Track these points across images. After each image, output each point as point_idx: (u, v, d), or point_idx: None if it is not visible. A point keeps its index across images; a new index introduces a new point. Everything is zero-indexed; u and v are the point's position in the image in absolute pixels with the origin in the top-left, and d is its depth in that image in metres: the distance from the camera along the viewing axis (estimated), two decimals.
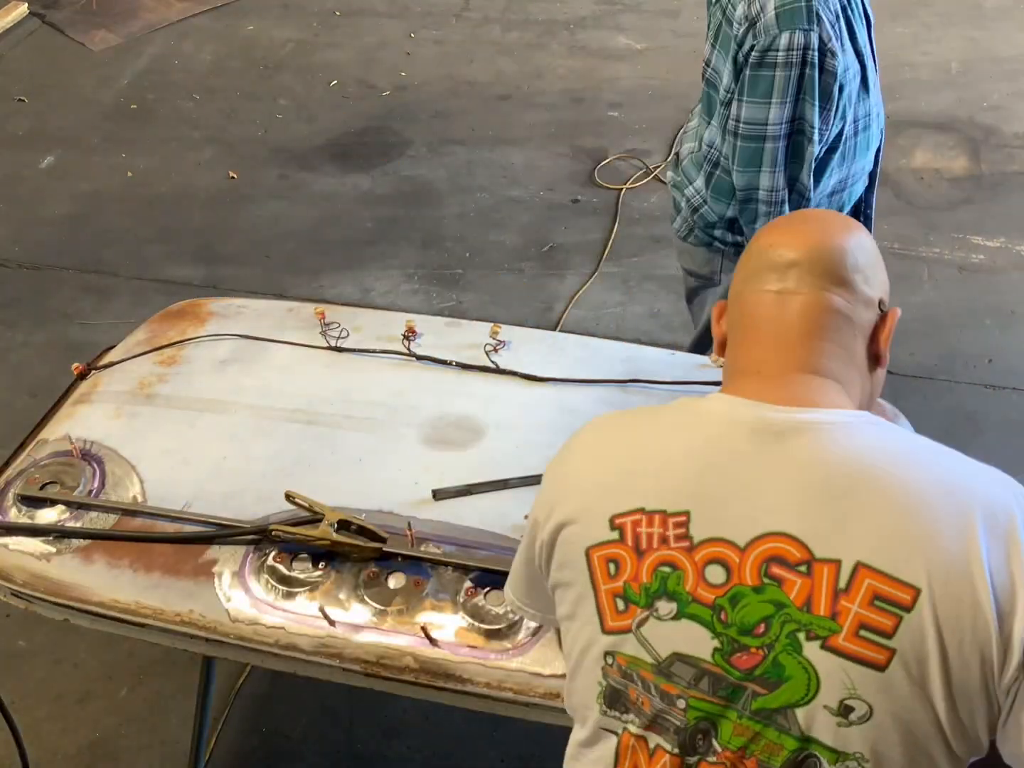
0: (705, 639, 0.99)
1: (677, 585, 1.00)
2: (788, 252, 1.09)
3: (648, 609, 1.02)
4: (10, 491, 1.67)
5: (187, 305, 2.08)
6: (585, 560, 1.06)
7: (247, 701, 2.41)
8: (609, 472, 1.09)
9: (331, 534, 1.52)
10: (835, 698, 0.95)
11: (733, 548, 0.99)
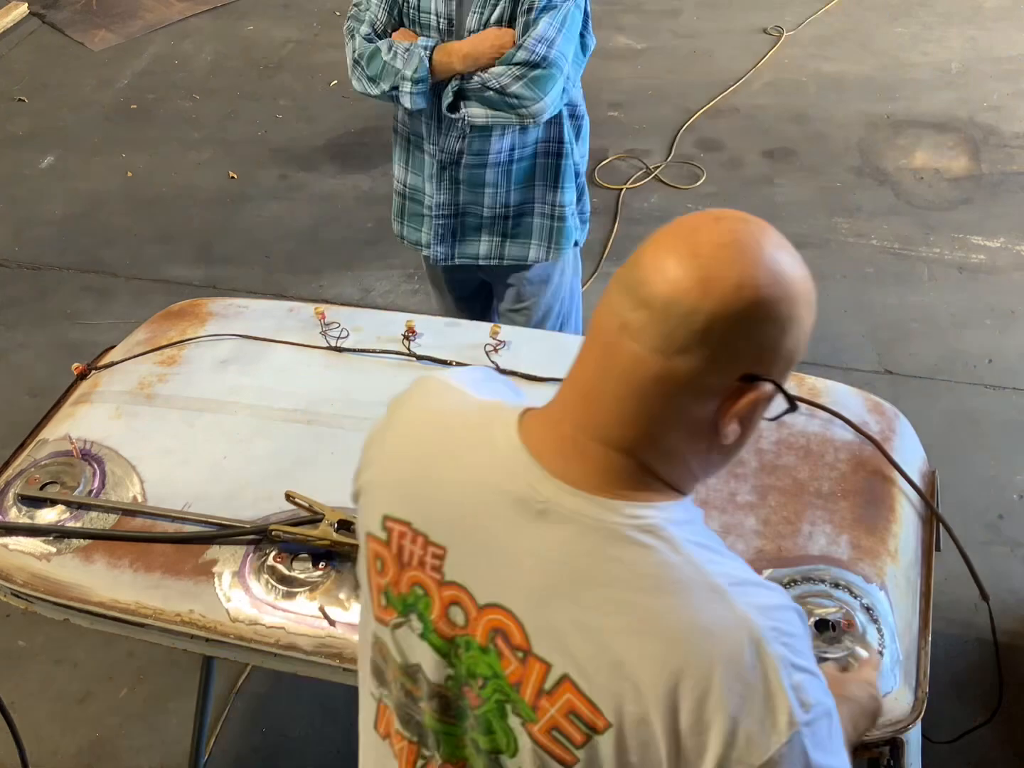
0: (442, 666, 1.00)
1: (425, 610, 1.00)
2: (649, 284, 0.88)
3: (403, 617, 1.03)
4: (10, 491, 1.67)
5: (187, 305, 2.08)
6: (364, 541, 1.07)
7: (247, 701, 2.41)
8: (400, 467, 1.05)
9: (331, 534, 1.52)
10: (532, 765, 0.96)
11: (472, 602, 0.97)
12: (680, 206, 3.90)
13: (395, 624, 1.03)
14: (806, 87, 4.62)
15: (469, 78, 2.14)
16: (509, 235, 2.40)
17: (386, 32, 2.20)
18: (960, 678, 2.35)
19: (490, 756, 1.00)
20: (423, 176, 2.34)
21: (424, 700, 1.03)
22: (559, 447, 0.94)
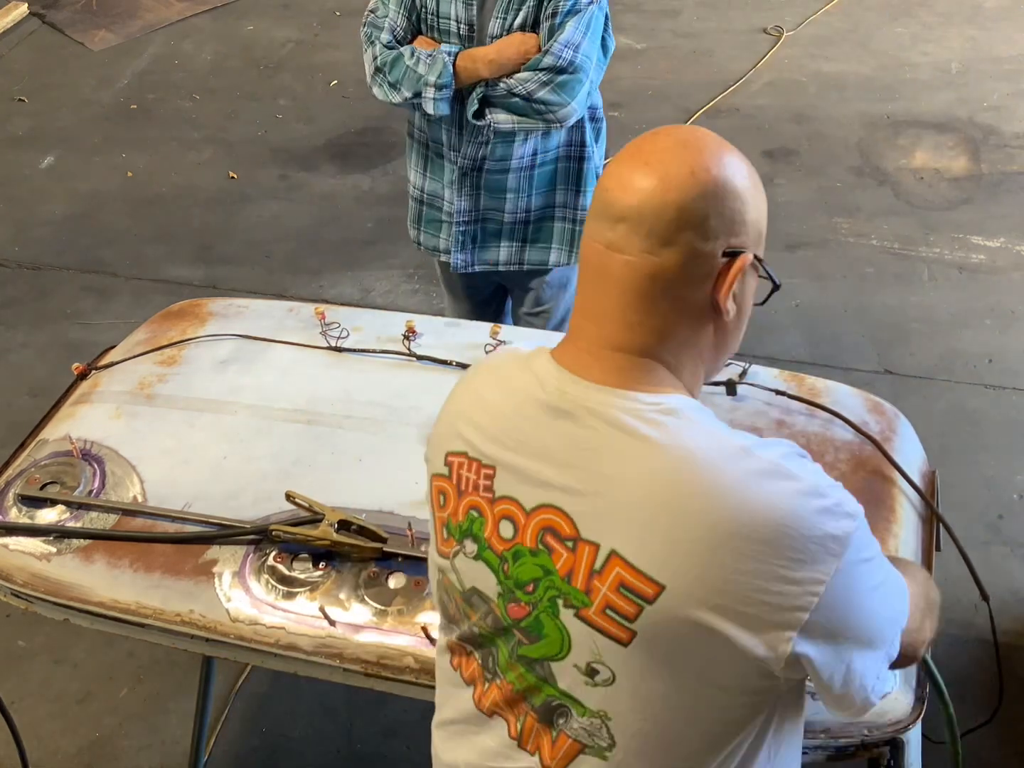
0: (493, 583, 1.08)
1: (480, 530, 1.08)
2: (619, 202, 0.99)
3: (459, 544, 1.11)
4: (10, 491, 1.67)
5: (187, 305, 2.08)
6: (429, 482, 1.17)
7: (247, 701, 2.41)
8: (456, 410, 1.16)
9: (331, 534, 1.52)
10: (583, 660, 1.02)
11: (520, 510, 1.05)
12: None
13: (454, 553, 1.12)
14: (806, 87, 4.62)
15: (495, 85, 2.11)
16: (529, 240, 2.38)
17: (406, 39, 2.18)
18: (960, 678, 2.35)
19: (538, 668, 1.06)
20: (442, 182, 2.32)
21: (480, 621, 1.11)
22: (582, 360, 1.04)
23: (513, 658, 1.08)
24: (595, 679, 1.02)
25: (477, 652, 1.14)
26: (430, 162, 2.32)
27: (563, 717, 1.06)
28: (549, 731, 1.08)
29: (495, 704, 1.13)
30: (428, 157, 2.32)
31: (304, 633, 1.48)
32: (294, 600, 1.51)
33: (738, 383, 1.77)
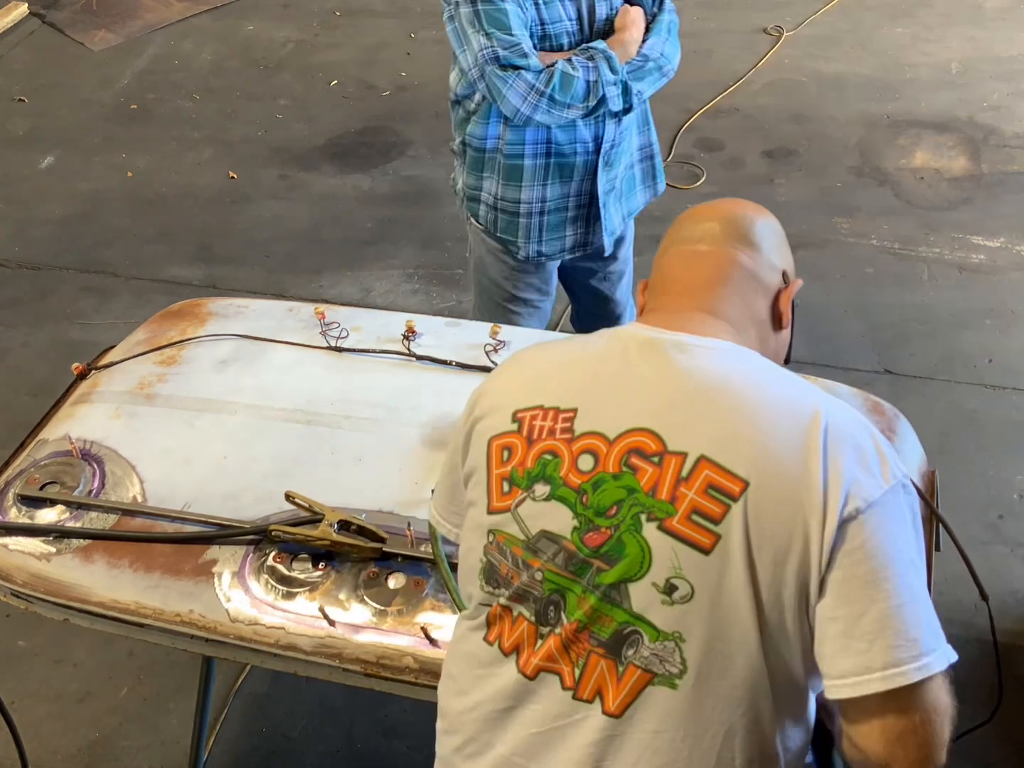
0: (567, 518, 1.11)
1: (554, 471, 1.13)
2: (703, 220, 1.29)
3: (527, 491, 1.14)
4: (10, 491, 1.67)
5: (187, 305, 2.08)
6: (486, 448, 1.20)
7: (246, 701, 2.41)
8: (521, 378, 1.25)
9: (331, 534, 1.52)
10: (663, 576, 1.06)
11: (604, 440, 1.12)
12: (680, 206, 3.86)
13: (518, 502, 1.15)
14: (806, 87, 4.62)
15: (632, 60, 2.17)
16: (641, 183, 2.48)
17: None
18: (960, 678, 2.34)
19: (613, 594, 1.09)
20: (571, 180, 2.31)
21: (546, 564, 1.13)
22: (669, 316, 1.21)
23: (587, 590, 1.10)
24: (672, 596, 1.06)
25: (531, 607, 1.15)
26: (551, 169, 2.30)
27: (633, 646, 1.08)
28: (616, 666, 1.09)
29: (547, 658, 1.13)
30: (548, 166, 2.29)
31: (304, 633, 1.48)
32: (294, 600, 1.51)
33: None
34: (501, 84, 2.07)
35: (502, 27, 2.06)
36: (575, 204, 2.36)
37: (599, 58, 2.12)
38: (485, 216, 2.37)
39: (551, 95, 2.09)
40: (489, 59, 2.07)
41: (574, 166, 2.29)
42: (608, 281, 2.59)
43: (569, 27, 2.16)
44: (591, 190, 2.34)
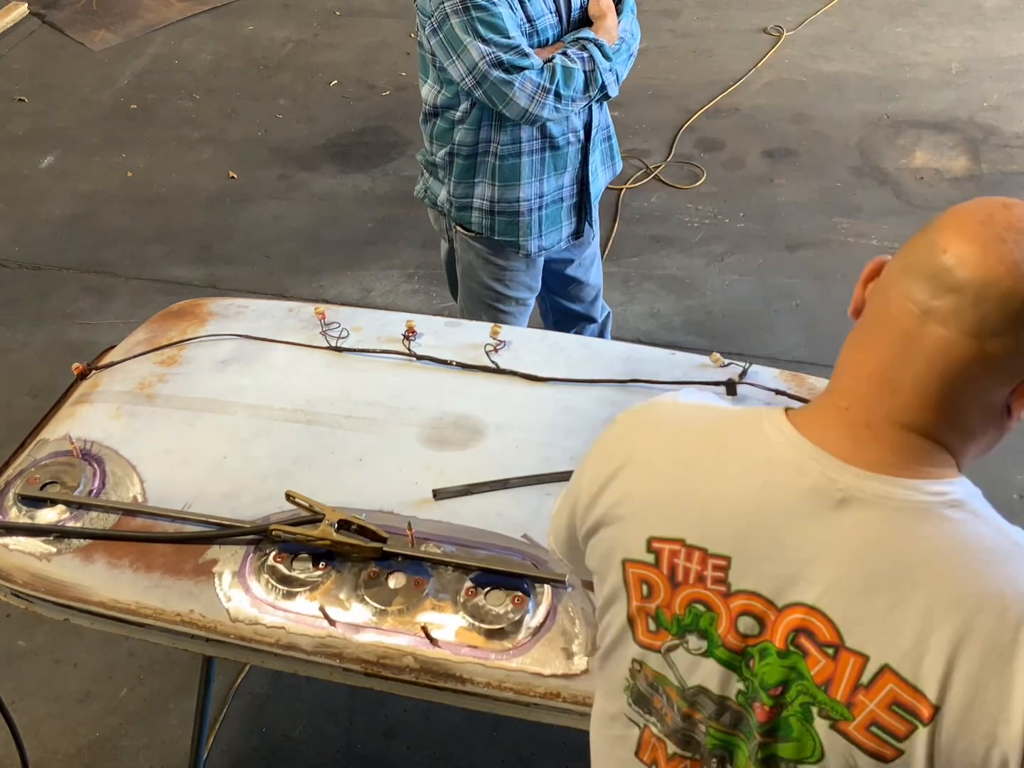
0: (731, 680, 0.99)
1: (710, 626, 0.98)
2: (958, 269, 0.88)
3: (678, 639, 1.00)
4: (10, 491, 1.67)
5: (187, 305, 2.08)
6: (621, 569, 1.04)
7: (246, 700, 2.41)
8: (661, 485, 1.03)
9: (331, 534, 1.52)
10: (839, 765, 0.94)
11: (769, 606, 0.95)
12: (680, 206, 3.90)
13: (668, 647, 1.01)
14: (806, 87, 4.62)
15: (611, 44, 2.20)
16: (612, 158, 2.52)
17: None
18: None
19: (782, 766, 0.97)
20: (566, 170, 2.36)
21: (708, 720, 1.02)
22: (849, 433, 0.93)
23: (753, 760, 0.99)
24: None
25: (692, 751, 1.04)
26: (546, 163, 2.33)
27: None
28: None
29: None
30: (544, 160, 2.33)
31: (304, 633, 1.48)
32: (294, 600, 1.51)
33: (738, 383, 1.77)
34: (507, 88, 2.08)
35: (499, 31, 2.07)
36: (569, 193, 2.40)
37: (591, 47, 2.15)
38: (479, 222, 2.38)
39: (556, 91, 2.11)
40: (492, 64, 2.07)
41: (567, 156, 2.33)
42: (583, 267, 2.65)
43: (551, 20, 2.19)
44: (583, 177, 2.38)
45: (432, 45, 2.15)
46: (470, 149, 2.28)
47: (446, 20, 2.08)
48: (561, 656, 1.42)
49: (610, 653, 1.10)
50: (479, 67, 2.08)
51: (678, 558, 0.99)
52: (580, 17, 2.24)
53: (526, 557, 1.53)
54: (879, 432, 0.92)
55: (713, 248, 3.71)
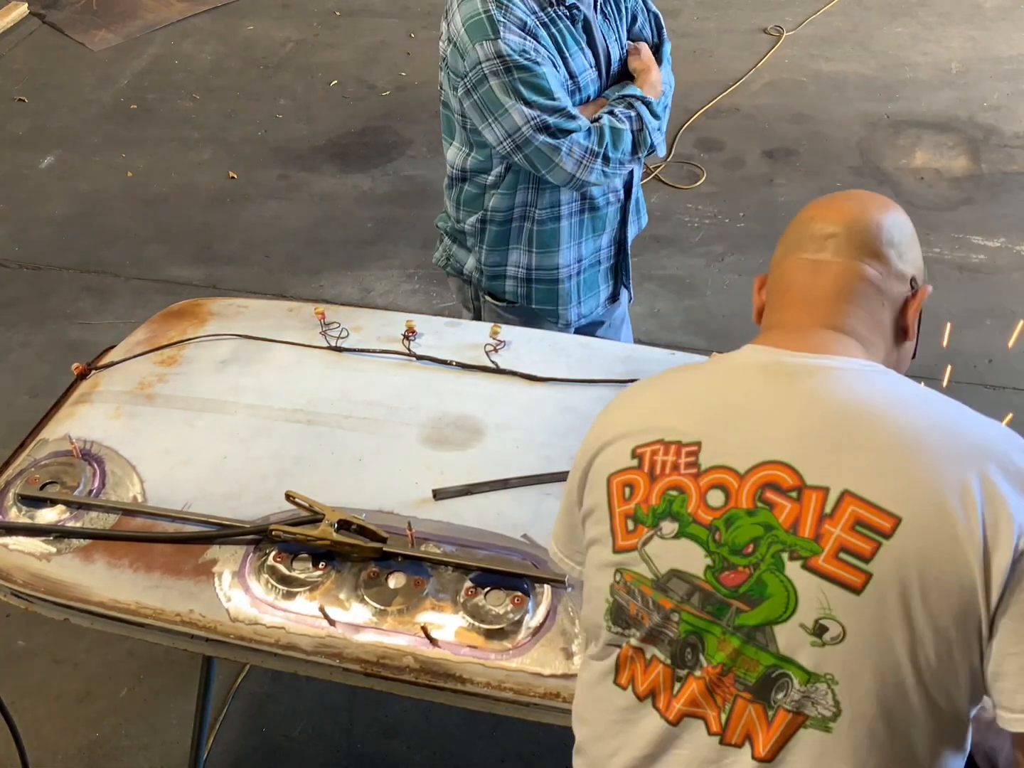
0: (699, 557, 1.06)
1: (681, 507, 1.08)
2: (828, 225, 1.18)
3: (653, 529, 1.10)
4: (10, 491, 1.67)
5: (187, 305, 2.08)
6: (606, 486, 1.15)
7: (246, 700, 2.41)
8: (636, 413, 1.19)
9: (331, 534, 1.52)
10: (811, 617, 1.00)
11: (734, 475, 1.06)
12: (680, 206, 3.90)
13: (644, 541, 1.10)
14: (806, 87, 4.62)
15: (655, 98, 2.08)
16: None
17: None
18: None
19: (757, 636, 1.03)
20: (604, 231, 2.20)
21: (679, 606, 1.08)
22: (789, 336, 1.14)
23: (728, 632, 1.05)
24: (823, 637, 1.00)
25: (665, 649, 1.10)
26: (585, 225, 2.17)
27: (782, 690, 1.03)
28: (765, 711, 1.04)
29: (691, 703, 1.08)
30: (583, 222, 2.16)
31: (304, 633, 1.48)
32: (294, 600, 1.51)
33: None
34: (553, 153, 1.92)
35: (543, 93, 1.89)
36: (607, 255, 2.25)
37: (639, 105, 2.00)
38: (513, 291, 2.19)
39: (605, 154, 1.96)
40: (538, 128, 1.90)
41: (607, 216, 2.18)
42: (612, 328, 2.46)
43: (592, 75, 2.04)
44: (621, 237, 2.24)
45: (465, 107, 1.96)
46: (505, 215, 2.09)
47: (484, 81, 1.89)
48: (561, 656, 1.42)
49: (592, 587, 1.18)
50: (522, 131, 1.90)
51: (657, 455, 1.11)
52: (619, 70, 2.09)
53: (526, 557, 1.53)
54: (811, 331, 1.14)
55: (713, 248, 3.71)
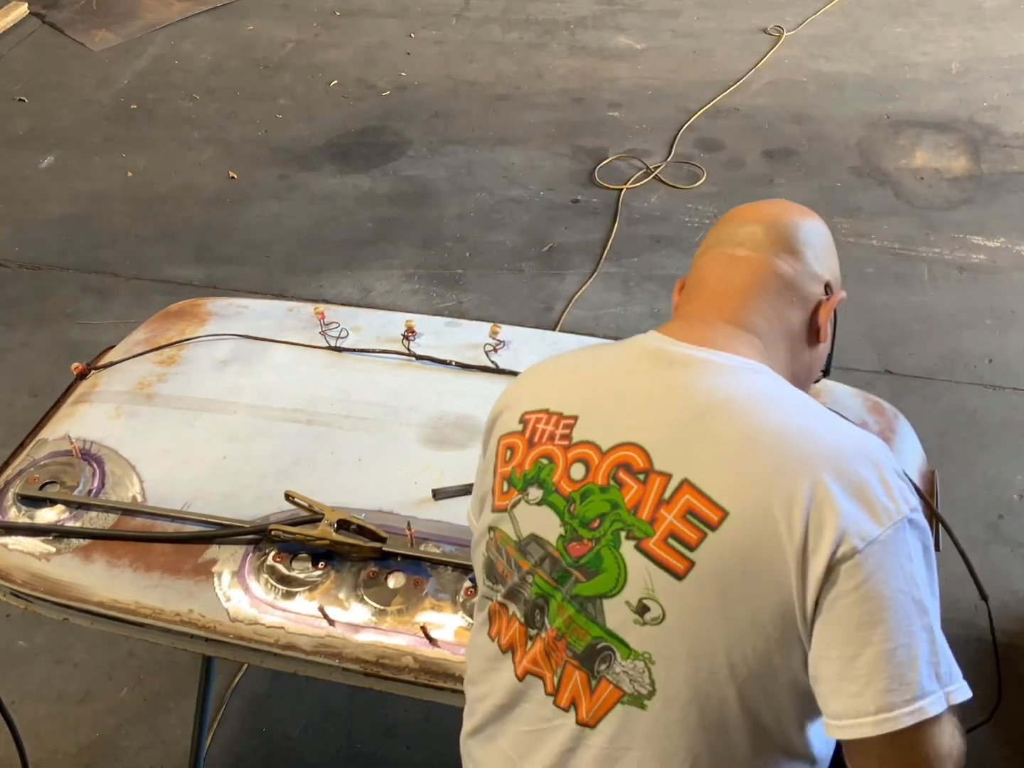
0: (555, 525, 1.12)
1: (548, 476, 1.13)
2: (747, 223, 1.21)
3: (522, 493, 1.15)
4: (10, 491, 1.67)
5: (187, 305, 2.08)
6: (496, 447, 1.22)
7: (246, 700, 2.41)
8: (536, 381, 1.26)
9: (331, 534, 1.52)
10: (636, 596, 1.05)
11: (597, 451, 1.10)
12: (680, 206, 3.90)
13: (513, 503, 1.16)
14: (806, 87, 4.62)
15: None
16: None
17: None
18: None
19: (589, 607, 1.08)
20: None
21: (533, 568, 1.13)
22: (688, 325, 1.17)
23: (566, 599, 1.10)
24: (644, 617, 1.04)
25: (521, 608, 1.15)
26: None
27: (606, 662, 1.07)
28: (589, 679, 1.09)
29: (534, 661, 1.14)
30: None
31: (303, 633, 1.48)
32: (293, 600, 1.51)
33: None
34: None
35: None
36: None
37: None
38: None
39: None
40: None
41: None
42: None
43: None
44: None
45: None
46: None
47: None
48: None
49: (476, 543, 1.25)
50: None
51: (540, 423, 1.16)
52: None
53: None
54: (710, 324, 1.16)
55: None
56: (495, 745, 1.20)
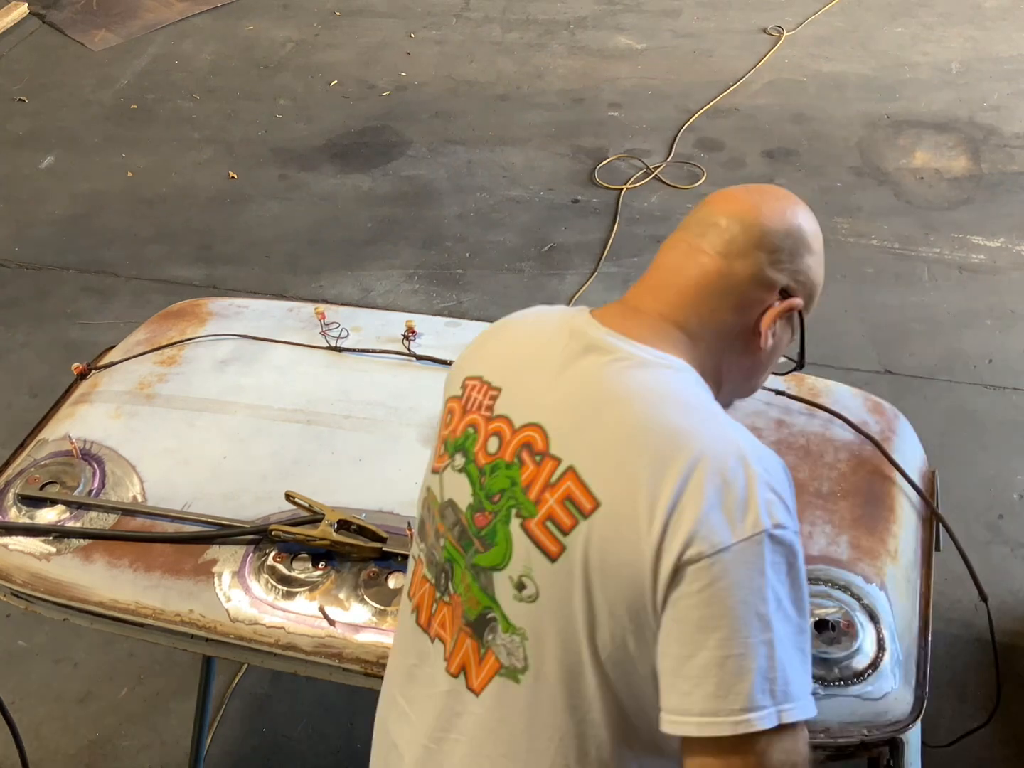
0: (468, 494, 1.15)
1: (471, 445, 1.16)
2: (716, 214, 1.17)
3: (450, 459, 1.18)
4: (10, 491, 1.67)
5: (187, 305, 2.07)
6: (443, 407, 1.25)
7: (246, 700, 2.41)
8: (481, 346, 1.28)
9: (331, 534, 1.52)
10: (517, 572, 1.09)
11: (510, 427, 1.13)
12: (680, 206, 3.90)
13: (444, 467, 1.19)
14: (806, 87, 4.62)
15: None
16: None
17: None
18: (959, 678, 2.35)
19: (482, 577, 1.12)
20: None
21: (447, 532, 1.17)
22: (622, 313, 1.15)
23: (467, 567, 1.14)
24: (522, 593, 1.08)
25: (432, 570, 1.20)
26: None
27: (492, 632, 1.11)
28: (478, 648, 1.13)
29: (440, 624, 1.18)
30: None
31: (304, 633, 1.48)
32: (294, 600, 1.51)
33: None
34: None
35: None
36: None
37: None
38: None
39: None
40: None
41: None
42: None
43: None
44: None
45: None
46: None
47: None
48: None
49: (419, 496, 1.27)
50: None
51: (475, 391, 1.19)
52: None
53: None
54: (644, 315, 1.15)
55: None
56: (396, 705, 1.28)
